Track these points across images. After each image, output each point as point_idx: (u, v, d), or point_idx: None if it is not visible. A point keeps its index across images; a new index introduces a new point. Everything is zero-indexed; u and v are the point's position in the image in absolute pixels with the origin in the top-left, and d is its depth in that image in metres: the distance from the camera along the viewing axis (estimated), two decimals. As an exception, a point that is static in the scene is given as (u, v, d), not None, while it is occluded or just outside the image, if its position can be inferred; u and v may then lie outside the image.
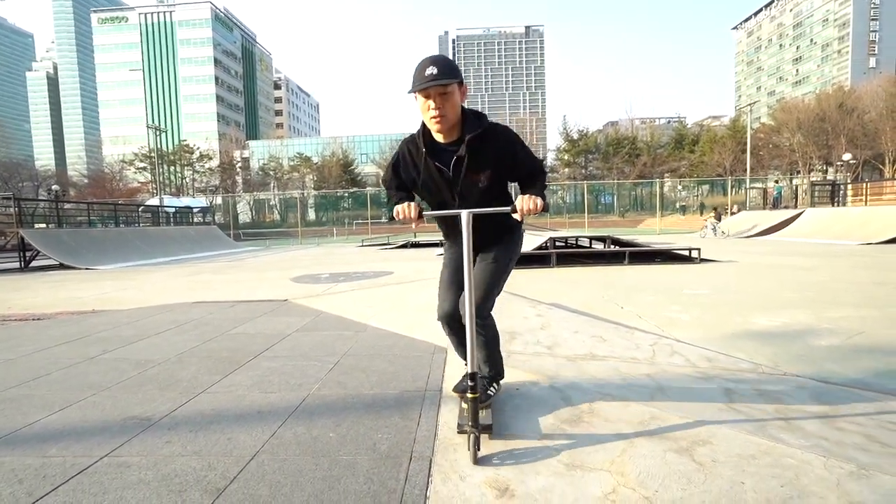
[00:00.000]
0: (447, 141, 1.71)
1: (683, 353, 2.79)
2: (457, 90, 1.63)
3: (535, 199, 1.62)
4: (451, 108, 1.62)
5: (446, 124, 1.64)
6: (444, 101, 1.60)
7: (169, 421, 1.96)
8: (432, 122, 1.64)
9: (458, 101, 1.65)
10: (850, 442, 1.64)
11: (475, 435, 1.56)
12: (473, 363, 1.65)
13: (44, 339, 3.55)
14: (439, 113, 1.61)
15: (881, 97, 41.55)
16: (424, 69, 1.58)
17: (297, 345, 3.19)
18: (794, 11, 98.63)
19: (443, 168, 1.72)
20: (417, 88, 1.59)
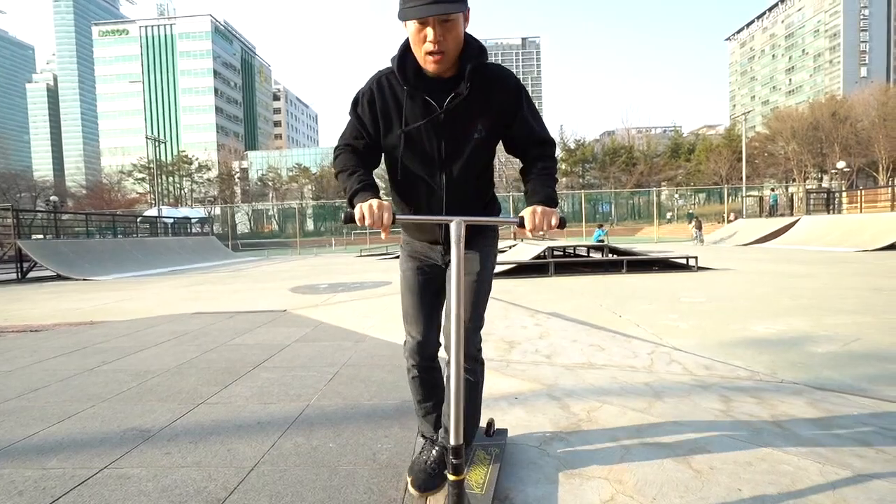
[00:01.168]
0: (440, 75, 1.29)
1: (681, 361, 2.80)
2: (461, 19, 1.22)
3: (548, 213, 1.23)
4: (454, 41, 1.22)
5: (446, 63, 1.25)
6: (445, 31, 1.20)
7: (169, 432, 1.96)
8: (428, 60, 1.24)
9: (462, 32, 1.25)
10: (846, 448, 1.65)
11: None
12: (460, 433, 1.14)
13: (42, 350, 3.54)
14: (439, 48, 1.21)
15: (873, 106, 42.11)
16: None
17: (296, 355, 3.19)
18: (785, 23, 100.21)
19: (434, 104, 1.29)
20: (413, 15, 1.17)
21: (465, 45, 1.28)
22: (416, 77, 1.30)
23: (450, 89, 1.29)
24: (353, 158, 1.35)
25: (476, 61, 1.28)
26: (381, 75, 1.36)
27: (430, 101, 1.30)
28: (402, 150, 1.35)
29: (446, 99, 1.29)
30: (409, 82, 1.30)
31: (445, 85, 1.29)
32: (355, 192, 1.27)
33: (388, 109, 1.34)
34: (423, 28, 1.20)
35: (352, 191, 1.28)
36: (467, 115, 1.32)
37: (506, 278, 7.70)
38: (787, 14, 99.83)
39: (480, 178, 1.43)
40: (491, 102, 1.33)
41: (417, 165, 1.36)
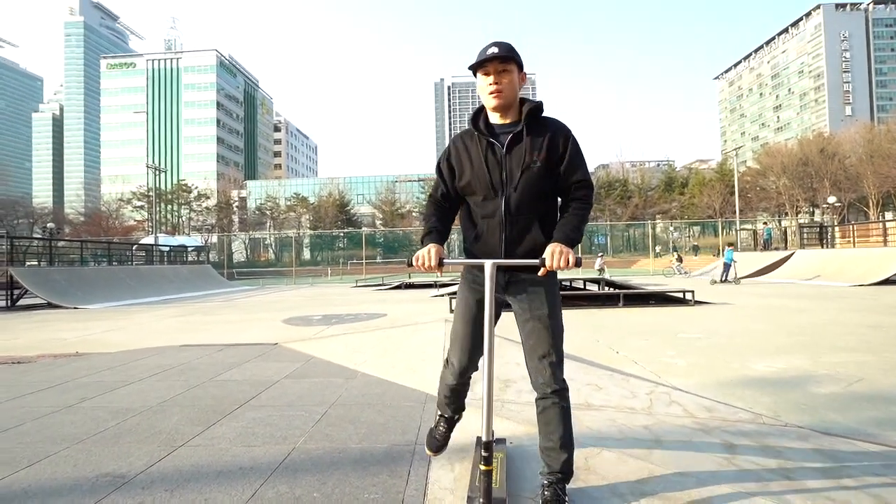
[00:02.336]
0: (503, 121, 1.65)
1: (681, 403, 2.72)
2: (516, 71, 1.61)
3: (566, 254, 1.44)
4: (510, 86, 1.59)
5: (504, 100, 1.59)
6: (502, 77, 1.59)
7: (144, 478, 1.85)
8: (490, 98, 1.60)
9: (517, 82, 1.62)
10: (859, 501, 1.57)
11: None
12: (490, 430, 1.46)
13: (20, 385, 3.42)
14: (497, 88, 1.58)
15: (860, 143, 43.28)
16: (487, 49, 1.59)
17: (285, 393, 3.08)
18: (771, 63, 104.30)
19: (496, 143, 1.61)
20: (478, 62, 1.58)
21: (524, 101, 1.66)
22: (485, 126, 1.65)
23: (510, 131, 1.62)
24: (430, 206, 1.74)
25: (533, 106, 1.62)
26: (456, 136, 1.72)
27: (494, 141, 1.62)
28: (472, 182, 1.64)
29: (507, 138, 1.61)
30: (479, 129, 1.64)
31: (507, 128, 1.63)
32: (422, 238, 1.66)
33: (461, 156, 1.67)
34: (486, 75, 1.59)
35: (422, 236, 1.67)
36: (524, 149, 1.59)
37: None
38: (773, 55, 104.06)
39: (539, 208, 1.62)
40: (543, 138, 1.60)
41: (484, 194, 1.63)
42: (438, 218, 1.69)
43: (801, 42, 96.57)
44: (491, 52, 1.57)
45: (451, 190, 1.70)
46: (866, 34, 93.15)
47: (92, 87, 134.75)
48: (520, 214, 1.59)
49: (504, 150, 1.59)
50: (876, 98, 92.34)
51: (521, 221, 1.59)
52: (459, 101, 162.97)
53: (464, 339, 1.69)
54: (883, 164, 38.94)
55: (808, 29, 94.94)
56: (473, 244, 1.66)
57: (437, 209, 1.71)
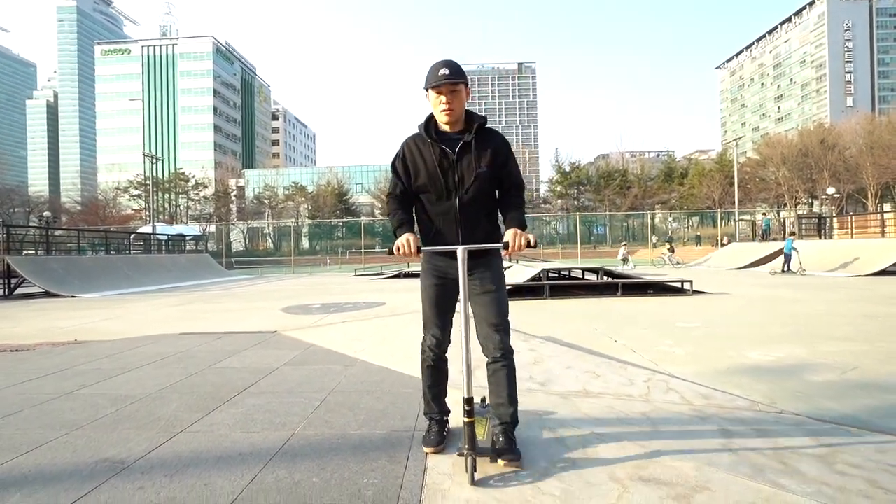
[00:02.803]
0: (452, 130, 1.90)
1: (678, 390, 2.74)
2: (463, 90, 1.86)
3: (524, 236, 1.77)
4: (459, 103, 1.86)
5: (454, 116, 1.86)
6: (453, 97, 1.84)
7: (143, 464, 1.86)
8: (442, 114, 1.85)
9: (464, 99, 1.87)
10: (853, 487, 1.59)
11: (472, 457, 1.65)
12: (470, 387, 1.71)
13: (19, 372, 3.42)
14: (449, 106, 1.84)
15: (860, 134, 43.14)
16: (438, 70, 1.82)
17: (284, 380, 3.09)
18: (773, 53, 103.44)
19: (448, 150, 1.87)
20: (432, 85, 1.82)
21: (469, 113, 1.91)
22: (436, 133, 1.90)
23: (459, 139, 1.88)
24: (394, 202, 1.95)
25: (479, 121, 1.89)
26: (408, 140, 1.95)
27: (445, 149, 1.87)
28: (428, 183, 1.88)
29: (457, 145, 1.87)
30: (432, 136, 1.88)
31: (455, 136, 1.89)
32: (395, 231, 1.89)
33: (415, 159, 1.91)
34: (438, 94, 1.83)
35: (393, 228, 1.91)
36: (472, 156, 1.87)
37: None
38: (775, 45, 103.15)
39: (486, 206, 1.91)
40: (488, 149, 1.88)
41: (438, 193, 1.89)
42: (404, 210, 1.94)
43: (804, 31, 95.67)
44: (443, 74, 1.81)
45: (409, 187, 1.94)
46: (870, 24, 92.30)
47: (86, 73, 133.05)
48: (471, 212, 1.88)
49: (455, 156, 1.86)
50: (878, 89, 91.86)
51: (472, 217, 1.88)
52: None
53: (435, 318, 1.95)
54: (883, 155, 38.88)
55: (812, 18, 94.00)
56: (434, 238, 1.92)
57: (400, 203, 1.94)
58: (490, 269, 1.92)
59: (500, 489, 1.61)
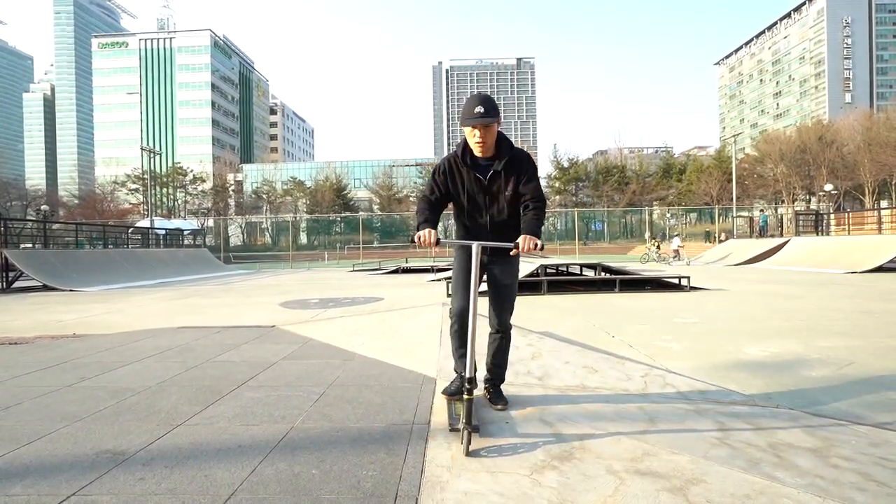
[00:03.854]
0: (483, 156, 2.20)
1: (675, 385, 2.76)
2: (496, 125, 2.12)
3: (534, 240, 2.03)
4: (491, 137, 2.14)
5: (486, 149, 2.16)
6: (486, 132, 2.11)
7: (144, 455, 1.87)
8: (476, 147, 2.15)
9: (496, 132, 2.15)
10: (846, 480, 1.61)
11: (468, 431, 1.83)
12: (472, 368, 1.97)
13: (19, 365, 3.42)
14: (483, 141, 2.12)
15: (858, 131, 43.19)
16: (474, 107, 2.06)
17: (283, 374, 3.10)
18: (772, 49, 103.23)
19: (480, 177, 2.20)
20: (469, 123, 2.08)
21: (500, 140, 2.20)
22: (471, 160, 2.22)
23: (490, 166, 2.19)
24: (425, 204, 2.25)
25: (509, 153, 2.18)
26: (449, 156, 2.27)
27: (479, 176, 2.21)
28: (465, 203, 2.27)
29: (489, 173, 2.20)
30: (467, 164, 2.21)
31: (487, 162, 2.20)
32: (418, 225, 2.18)
33: (454, 176, 2.25)
34: (474, 129, 2.10)
35: (417, 223, 2.20)
36: (501, 182, 2.20)
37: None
38: (774, 41, 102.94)
39: (511, 218, 2.25)
40: (516, 175, 2.19)
41: (473, 211, 2.28)
42: (432, 212, 2.23)
43: (804, 28, 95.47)
44: (478, 112, 2.04)
45: (443, 196, 2.27)
46: (869, 20, 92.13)
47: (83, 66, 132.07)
48: (500, 224, 2.25)
49: (486, 182, 2.19)
50: (876, 85, 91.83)
51: (501, 230, 2.25)
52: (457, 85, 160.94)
53: (462, 288, 2.26)
54: (880, 151, 38.95)
55: (811, 14, 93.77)
56: (465, 237, 2.30)
57: (430, 207, 2.23)
58: (510, 265, 2.30)
59: (498, 481, 1.63)
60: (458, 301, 2.30)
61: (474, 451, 1.84)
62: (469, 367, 1.96)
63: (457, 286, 2.32)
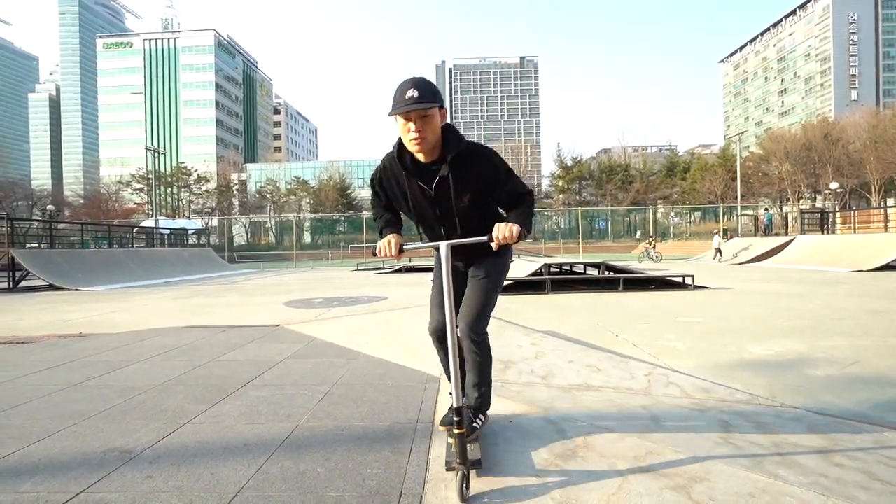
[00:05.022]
0: (429, 160, 1.68)
1: (679, 384, 2.76)
2: (437, 113, 1.62)
3: (510, 227, 1.57)
4: (432, 131, 1.62)
5: (426, 146, 1.63)
6: (424, 123, 1.59)
7: (151, 454, 1.89)
8: (412, 144, 1.62)
9: (438, 124, 1.64)
10: (850, 479, 1.61)
11: (463, 472, 1.52)
12: (459, 397, 1.59)
13: (26, 364, 3.46)
14: (420, 135, 1.60)
15: (864, 128, 42.86)
16: (405, 92, 1.56)
17: (288, 373, 3.12)
18: (777, 47, 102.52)
19: (425, 188, 1.70)
20: (398, 111, 1.57)
21: (446, 138, 1.67)
22: (412, 163, 1.71)
23: (437, 169, 1.68)
24: (378, 205, 1.90)
25: (455, 151, 1.65)
26: (386, 160, 1.78)
27: (423, 185, 1.70)
28: (415, 219, 1.84)
29: (434, 180, 1.68)
30: (408, 169, 1.71)
31: (433, 166, 1.68)
32: (380, 231, 1.83)
33: (393, 186, 1.79)
34: (407, 121, 1.59)
35: (379, 229, 1.85)
36: (452, 191, 1.69)
37: (502, 295, 7.64)
38: (779, 38, 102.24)
39: (475, 223, 1.76)
40: (472, 179, 1.69)
41: (425, 224, 1.83)
42: (390, 211, 1.88)
43: (809, 25, 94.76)
44: (410, 97, 1.55)
45: (390, 203, 1.87)
46: (875, 17, 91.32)
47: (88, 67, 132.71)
48: (460, 233, 1.77)
49: (433, 192, 1.70)
50: (882, 83, 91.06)
51: (462, 235, 1.76)
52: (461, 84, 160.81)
53: (436, 300, 1.89)
54: (887, 149, 38.64)
55: (817, 11, 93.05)
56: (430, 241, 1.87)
57: (385, 208, 1.88)
58: (486, 262, 1.86)
59: (503, 479, 1.64)
60: (432, 316, 1.89)
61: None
62: (456, 394, 1.59)
63: (431, 299, 1.93)
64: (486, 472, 1.68)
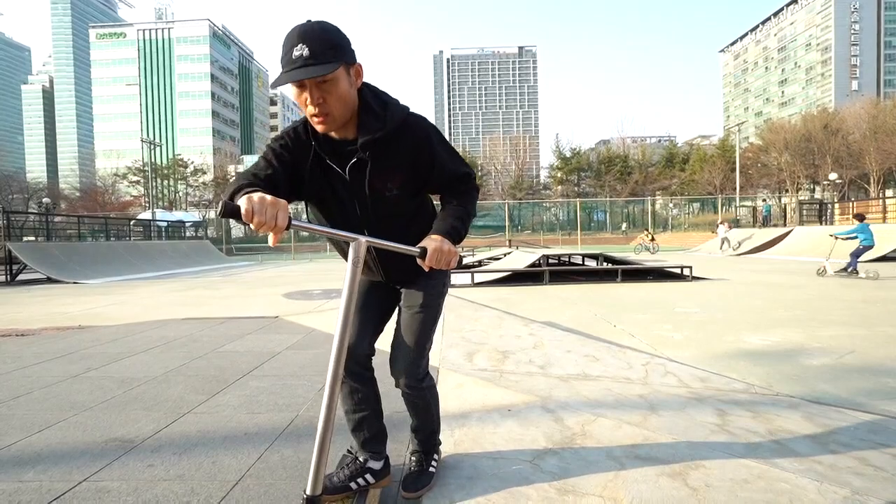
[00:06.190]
0: (342, 136, 1.26)
1: (676, 373, 2.78)
2: (342, 76, 1.14)
3: (448, 255, 1.18)
4: (338, 102, 1.16)
5: (332, 123, 1.19)
6: (324, 93, 1.14)
7: (152, 443, 1.91)
8: (315, 121, 1.18)
9: (347, 89, 1.17)
10: (844, 465, 1.63)
11: None
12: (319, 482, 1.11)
13: (26, 355, 3.46)
14: (320, 111, 1.15)
15: (864, 119, 42.75)
16: (292, 49, 1.09)
17: (287, 363, 3.14)
18: (778, 36, 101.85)
19: (337, 170, 1.27)
20: (280, 83, 1.11)
21: (365, 103, 1.23)
22: (324, 139, 1.26)
23: (354, 153, 1.25)
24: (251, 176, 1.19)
25: (371, 133, 1.21)
26: (297, 125, 1.30)
27: (335, 167, 1.27)
28: (320, 212, 1.37)
29: (349, 162, 1.26)
30: (319, 145, 1.26)
31: (348, 145, 1.25)
32: (240, 188, 1.10)
33: (297, 161, 1.27)
34: (301, 91, 1.14)
35: (235, 186, 1.12)
36: (373, 177, 1.27)
37: (501, 286, 7.67)
38: (780, 27, 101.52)
39: (402, 221, 1.37)
40: (399, 160, 1.28)
41: (338, 218, 1.35)
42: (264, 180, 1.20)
43: (811, 14, 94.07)
44: (298, 56, 1.08)
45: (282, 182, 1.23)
46: (878, 6, 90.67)
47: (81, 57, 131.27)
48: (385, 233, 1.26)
49: (347, 176, 1.27)
50: (884, 72, 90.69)
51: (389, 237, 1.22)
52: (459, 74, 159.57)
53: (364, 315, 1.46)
54: (886, 140, 38.58)
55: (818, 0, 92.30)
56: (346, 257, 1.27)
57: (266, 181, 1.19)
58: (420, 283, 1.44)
59: (500, 469, 1.65)
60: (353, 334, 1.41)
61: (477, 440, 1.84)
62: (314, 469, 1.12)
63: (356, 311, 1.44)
64: (486, 460, 1.69)
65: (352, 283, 1.13)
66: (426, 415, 1.56)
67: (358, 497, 1.44)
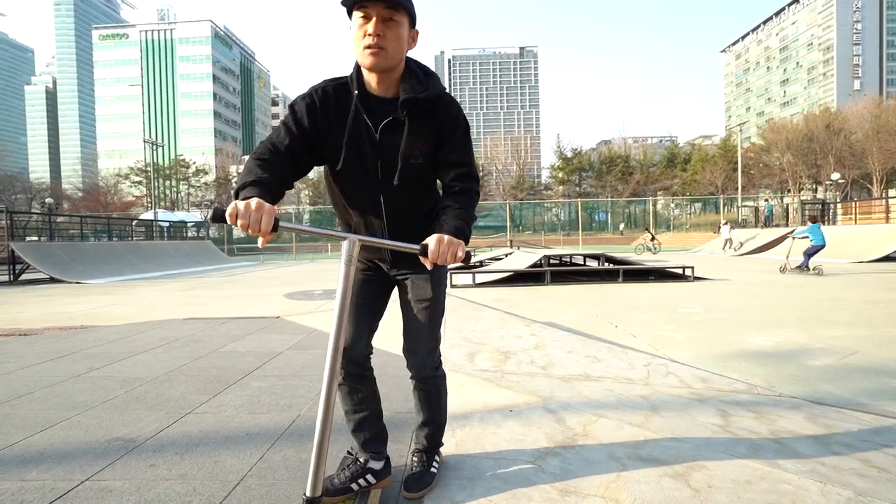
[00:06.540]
0: (381, 92, 1.28)
1: (678, 374, 2.77)
2: (406, 25, 1.22)
3: (454, 246, 1.15)
4: (395, 42, 1.20)
5: (383, 60, 1.20)
6: (387, 28, 1.19)
7: (154, 443, 1.91)
8: (366, 53, 1.20)
9: (405, 40, 1.24)
10: (847, 466, 1.62)
11: None
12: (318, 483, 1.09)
13: (29, 355, 3.47)
14: (377, 42, 1.18)
15: (866, 119, 42.62)
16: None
17: (289, 363, 3.14)
18: (779, 35, 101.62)
19: (370, 127, 1.28)
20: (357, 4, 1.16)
21: (411, 67, 1.30)
22: (364, 94, 1.29)
23: (389, 112, 1.28)
24: (267, 152, 1.25)
25: (415, 92, 1.26)
26: (326, 85, 1.32)
27: (368, 122, 1.29)
28: (343, 164, 1.32)
29: (385, 120, 1.28)
30: (360, 98, 1.28)
31: (384, 105, 1.28)
32: (243, 185, 1.15)
33: (331, 120, 1.30)
34: (366, 22, 1.19)
35: (240, 182, 1.17)
36: (404, 140, 1.29)
37: (502, 286, 7.67)
38: (782, 27, 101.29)
39: (425, 203, 1.40)
40: (430, 129, 1.31)
41: (358, 181, 1.35)
42: (273, 169, 1.22)
43: (812, 13, 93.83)
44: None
45: (303, 149, 1.28)
46: (880, 5, 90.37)
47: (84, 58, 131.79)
48: (402, 207, 1.34)
49: (378, 135, 1.28)
50: (886, 72, 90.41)
51: (403, 214, 1.35)
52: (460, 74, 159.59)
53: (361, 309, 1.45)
54: (889, 139, 38.47)
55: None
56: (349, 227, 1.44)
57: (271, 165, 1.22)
58: (424, 274, 1.42)
59: (502, 470, 1.65)
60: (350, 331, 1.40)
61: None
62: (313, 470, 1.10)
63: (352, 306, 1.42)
64: (487, 460, 1.69)
65: (346, 283, 1.14)
66: (438, 404, 1.58)
67: (359, 498, 1.44)
